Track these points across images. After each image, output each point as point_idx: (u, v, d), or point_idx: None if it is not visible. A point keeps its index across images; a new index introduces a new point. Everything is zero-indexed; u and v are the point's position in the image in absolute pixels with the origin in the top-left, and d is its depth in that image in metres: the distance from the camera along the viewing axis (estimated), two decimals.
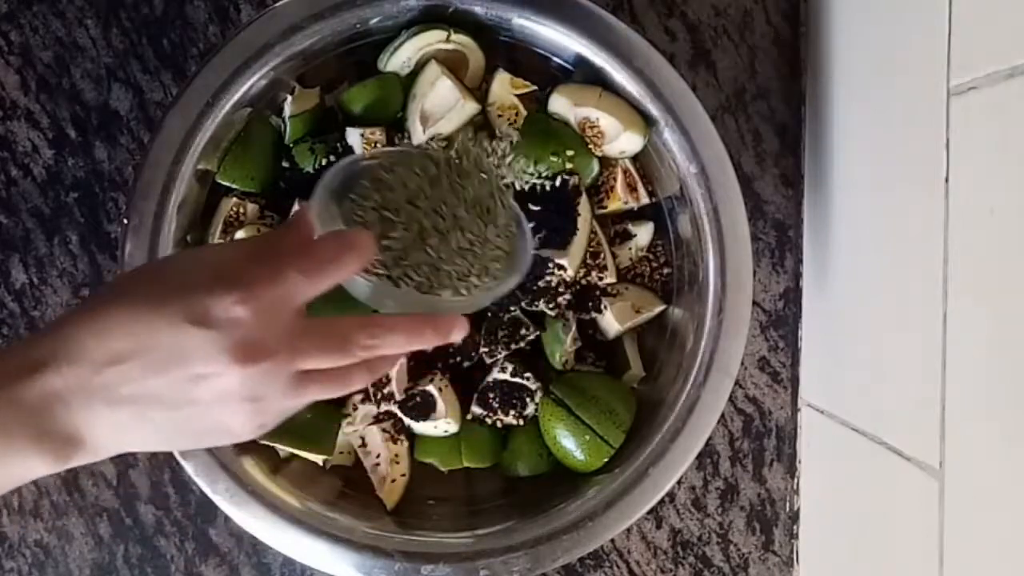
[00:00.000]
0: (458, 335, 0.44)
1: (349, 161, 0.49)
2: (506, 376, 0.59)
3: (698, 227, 0.58)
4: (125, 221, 0.55)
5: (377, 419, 0.60)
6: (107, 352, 0.37)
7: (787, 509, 0.69)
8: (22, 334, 0.64)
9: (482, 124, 0.61)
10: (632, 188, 0.62)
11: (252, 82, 0.56)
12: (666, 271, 0.63)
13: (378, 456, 0.60)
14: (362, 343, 0.40)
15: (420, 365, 0.60)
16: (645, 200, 0.62)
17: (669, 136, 0.58)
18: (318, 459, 0.60)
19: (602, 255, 0.60)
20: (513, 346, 0.59)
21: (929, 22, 0.48)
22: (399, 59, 0.59)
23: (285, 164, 0.60)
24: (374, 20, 0.57)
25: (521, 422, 0.61)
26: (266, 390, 0.39)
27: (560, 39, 0.58)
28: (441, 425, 0.59)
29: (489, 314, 0.59)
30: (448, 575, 0.55)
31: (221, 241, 0.56)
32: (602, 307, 0.61)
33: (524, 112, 0.61)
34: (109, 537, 0.65)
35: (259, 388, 0.39)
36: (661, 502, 0.62)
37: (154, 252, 0.55)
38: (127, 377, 0.37)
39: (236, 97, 0.55)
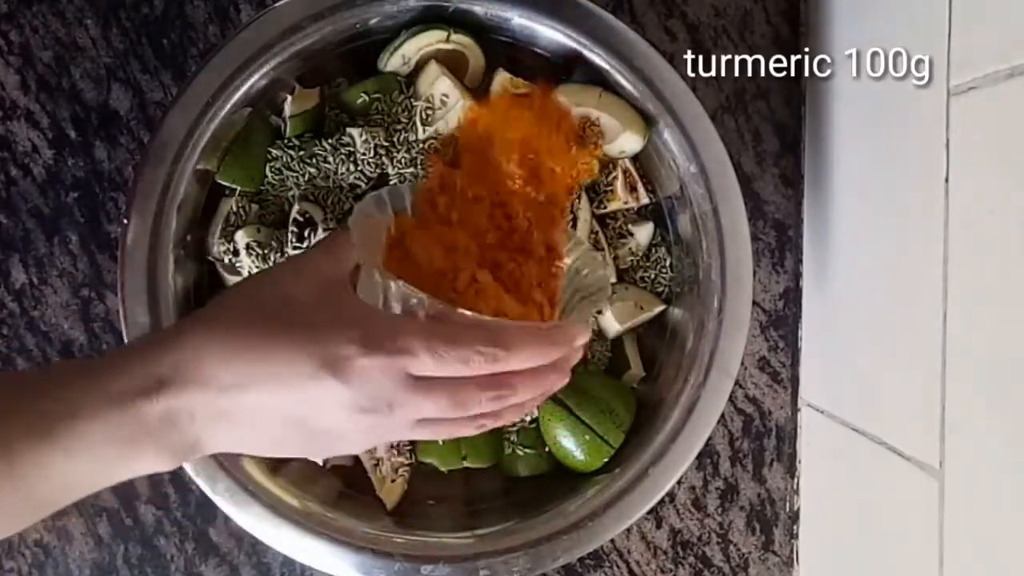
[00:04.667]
0: (583, 338, 0.43)
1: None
2: None
3: (698, 227, 0.58)
4: (125, 221, 0.55)
5: None
6: (235, 379, 0.39)
7: (787, 509, 0.69)
8: (22, 334, 0.64)
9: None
10: (632, 188, 0.62)
11: (252, 82, 0.56)
12: (666, 271, 0.63)
13: (378, 456, 0.60)
14: (483, 403, 0.41)
15: None
16: (645, 200, 0.62)
17: (669, 136, 0.58)
18: (318, 459, 0.60)
19: (602, 255, 0.60)
20: None
21: (929, 22, 0.48)
22: (399, 59, 0.59)
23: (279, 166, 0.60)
24: (374, 20, 0.57)
25: (521, 422, 0.61)
26: (383, 434, 0.42)
27: (560, 39, 0.58)
28: None
29: None
30: (448, 575, 0.55)
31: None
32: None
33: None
34: (109, 537, 0.65)
35: (378, 434, 0.41)
36: (661, 502, 0.62)
37: (154, 252, 0.55)
38: (254, 404, 0.39)
39: (236, 97, 0.55)
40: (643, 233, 0.62)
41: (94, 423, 0.38)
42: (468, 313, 0.41)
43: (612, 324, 0.61)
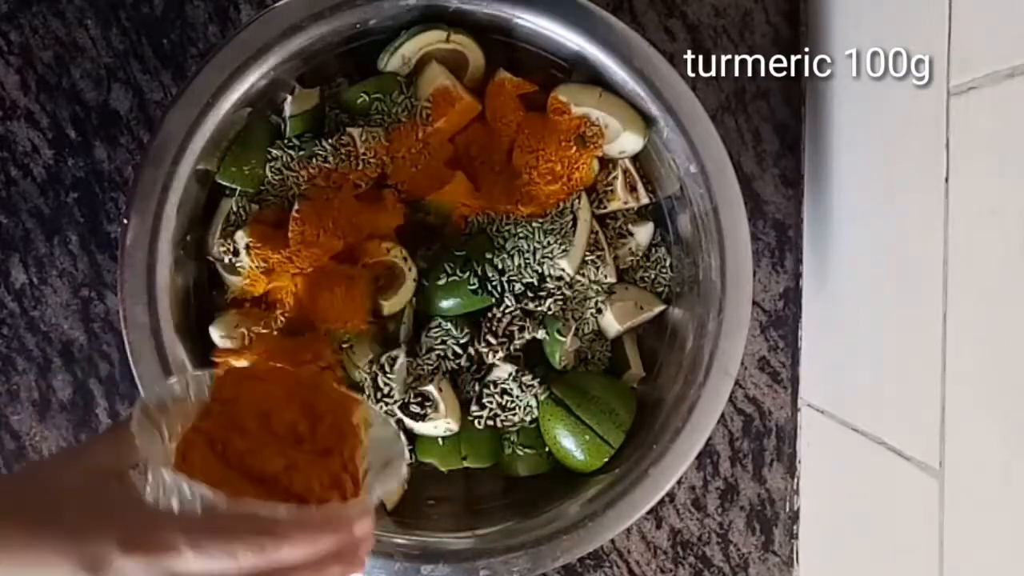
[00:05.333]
0: (363, 524, 0.40)
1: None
2: (506, 376, 0.59)
3: (698, 227, 0.58)
4: (125, 221, 0.55)
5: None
6: None
7: (787, 509, 0.69)
8: (22, 334, 0.64)
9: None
10: (632, 188, 0.62)
11: (252, 82, 0.56)
12: (666, 271, 0.63)
13: None
14: None
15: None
16: (645, 200, 0.62)
17: (669, 136, 0.58)
18: None
19: (602, 255, 0.60)
20: (513, 346, 0.59)
21: (929, 22, 0.48)
22: (399, 59, 0.59)
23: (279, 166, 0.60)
24: (374, 20, 0.57)
25: (521, 422, 0.61)
26: None
27: (560, 39, 0.58)
28: (441, 425, 0.59)
29: (489, 314, 0.59)
30: (448, 575, 0.55)
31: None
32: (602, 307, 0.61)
33: (524, 112, 0.61)
34: None
35: None
36: (661, 502, 0.62)
37: (154, 252, 0.55)
38: None
39: (236, 97, 0.55)
40: (643, 233, 0.62)
41: None
42: (241, 501, 0.38)
43: (612, 324, 0.61)
